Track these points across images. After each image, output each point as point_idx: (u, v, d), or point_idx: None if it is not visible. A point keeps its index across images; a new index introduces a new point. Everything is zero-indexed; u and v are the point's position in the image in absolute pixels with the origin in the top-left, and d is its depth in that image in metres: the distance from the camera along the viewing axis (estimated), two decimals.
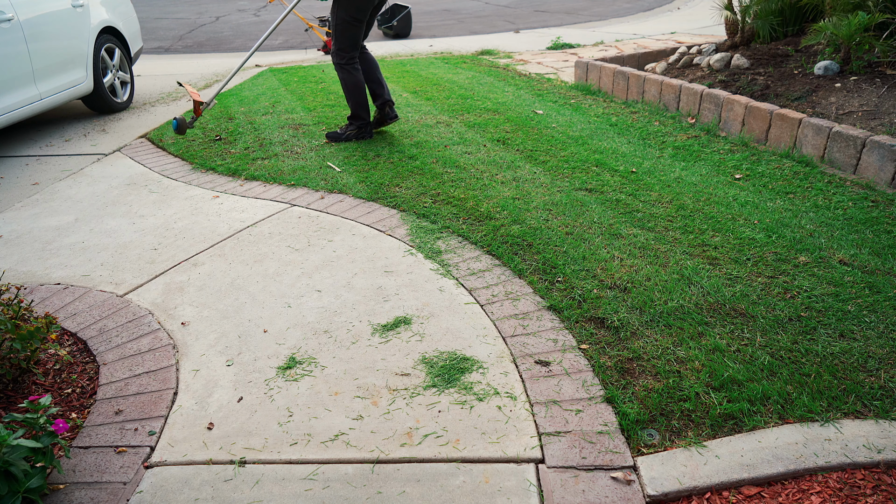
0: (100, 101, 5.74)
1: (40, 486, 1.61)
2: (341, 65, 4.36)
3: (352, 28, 4.20)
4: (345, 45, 4.28)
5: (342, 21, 4.17)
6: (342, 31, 4.23)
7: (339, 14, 4.16)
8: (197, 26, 13.20)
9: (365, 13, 4.18)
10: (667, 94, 5.11)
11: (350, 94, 4.45)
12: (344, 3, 4.13)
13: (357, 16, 4.16)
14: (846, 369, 2.07)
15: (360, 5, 4.14)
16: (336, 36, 4.27)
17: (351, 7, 4.13)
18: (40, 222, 3.53)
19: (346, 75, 4.39)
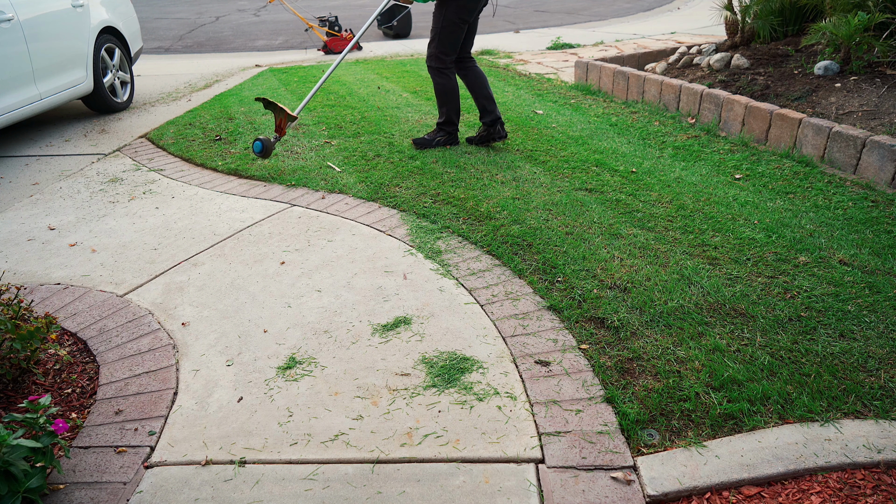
0: (100, 101, 5.74)
1: (40, 486, 1.61)
2: (439, 69, 4.14)
3: (457, 31, 3.98)
4: (446, 48, 4.05)
5: (449, 23, 3.94)
6: (446, 34, 3.99)
7: (446, 16, 3.93)
8: (197, 26, 13.20)
9: (472, 14, 3.96)
10: (667, 94, 5.11)
11: (445, 100, 4.23)
12: (451, 5, 3.90)
13: (465, 17, 3.95)
14: (846, 369, 2.07)
15: (470, 6, 3.91)
16: (439, 39, 4.02)
17: (460, 8, 3.90)
18: (40, 222, 3.53)
19: (443, 80, 4.18)
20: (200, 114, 5.69)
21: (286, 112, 3.63)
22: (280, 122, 3.70)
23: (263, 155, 3.77)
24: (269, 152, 3.75)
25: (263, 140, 3.74)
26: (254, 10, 15.65)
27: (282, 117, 3.67)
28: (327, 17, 9.56)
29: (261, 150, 3.75)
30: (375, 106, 5.71)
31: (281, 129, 3.74)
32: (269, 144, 3.73)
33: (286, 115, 3.64)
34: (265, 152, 3.75)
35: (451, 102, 4.24)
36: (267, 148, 3.74)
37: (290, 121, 3.66)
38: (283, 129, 3.73)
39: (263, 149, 3.75)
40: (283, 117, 3.65)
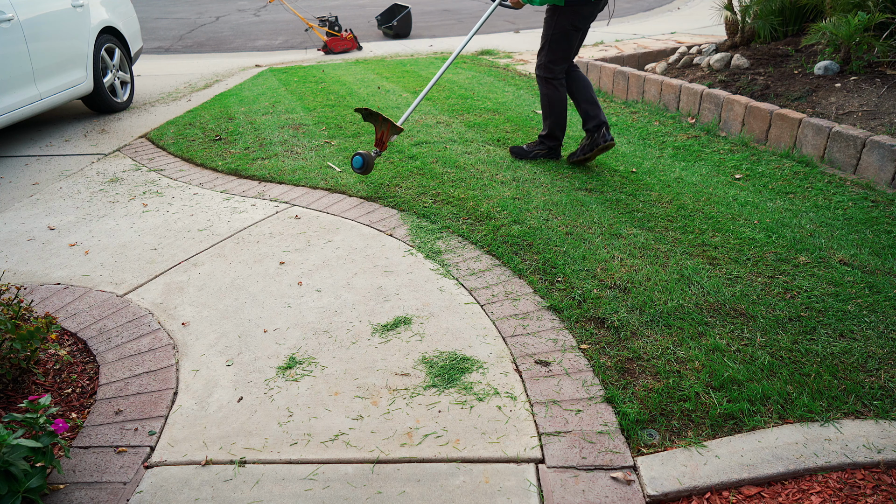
0: (100, 101, 5.74)
1: (40, 486, 1.61)
2: (548, 79, 3.85)
3: (569, 38, 3.70)
4: (557, 56, 3.76)
5: (561, 30, 3.66)
6: (558, 42, 3.71)
7: (558, 22, 3.64)
8: (197, 26, 13.20)
9: (587, 22, 3.66)
10: (667, 94, 5.11)
11: (551, 112, 3.94)
12: (565, 11, 3.61)
13: (578, 24, 3.65)
14: (846, 369, 2.07)
15: (585, 12, 3.62)
16: (550, 47, 3.74)
17: (574, 15, 3.62)
18: (40, 222, 3.53)
19: (550, 91, 3.88)
20: (200, 114, 5.69)
21: (390, 123, 3.32)
22: (381, 135, 3.39)
23: (364, 171, 3.44)
24: (369, 168, 3.43)
25: (364, 155, 3.41)
26: (254, 10, 15.65)
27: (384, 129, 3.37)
28: (327, 17, 9.56)
29: (361, 166, 3.42)
30: (375, 106, 5.71)
31: (382, 142, 3.41)
32: (369, 160, 3.41)
33: (389, 126, 3.34)
34: (366, 168, 3.43)
35: (556, 115, 3.94)
36: (368, 163, 3.42)
37: (393, 133, 3.36)
38: (385, 143, 3.40)
39: (364, 164, 3.42)
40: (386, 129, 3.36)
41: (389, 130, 3.36)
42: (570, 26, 3.65)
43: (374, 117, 3.38)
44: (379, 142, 3.41)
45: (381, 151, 3.46)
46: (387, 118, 3.33)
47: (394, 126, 3.32)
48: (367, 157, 3.41)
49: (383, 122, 3.36)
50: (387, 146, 3.43)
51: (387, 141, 3.40)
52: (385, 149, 3.45)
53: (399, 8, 10.81)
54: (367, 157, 3.41)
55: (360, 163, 3.43)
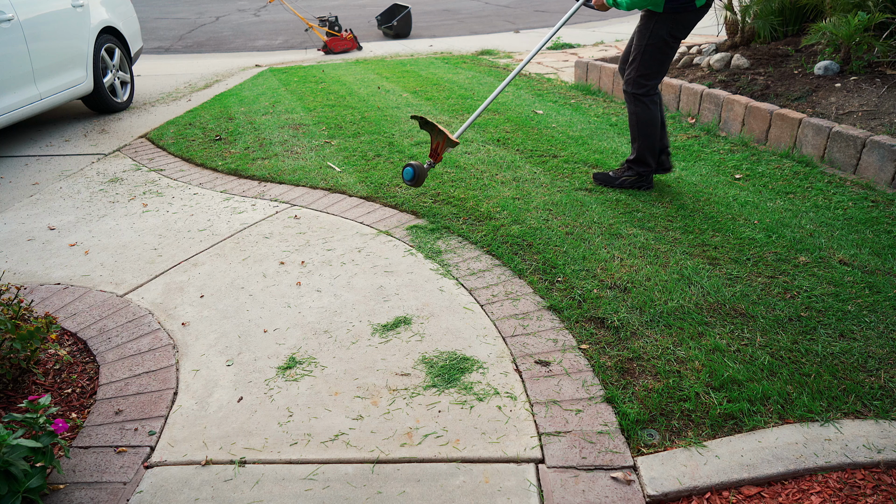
0: (100, 101, 5.74)
1: (40, 485, 1.61)
2: (638, 95, 3.36)
3: (666, 50, 3.26)
4: (651, 70, 3.31)
5: (658, 41, 3.21)
6: (652, 54, 3.26)
7: (654, 31, 3.19)
8: (197, 26, 13.20)
9: (688, 31, 3.22)
10: (667, 94, 5.11)
11: (640, 133, 3.45)
12: (664, 19, 3.16)
13: (678, 34, 3.21)
14: (846, 369, 2.07)
15: (686, 21, 3.17)
16: (642, 59, 3.29)
17: (675, 24, 3.17)
18: (40, 222, 3.53)
19: (641, 109, 3.39)
20: (200, 114, 5.69)
21: (445, 135, 3.10)
22: (437, 147, 3.17)
23: (415, 183, 3.24)
24: (421, 181, 3.25)
25: (415, 166, 3.20)
26: (254, 10, 15.65)
27: (439, 140, 3.15)
28: (327, 17, 9.56)
29: (412, 178, 3.21)
30: (375, 106, 5.71)
31: (437, 154, 3.19)
32: (421, 172, 3.21)
33: (445, 138, 3.11)
34: (417, 180, 3.23)
35: (647, 137, 3.44)
36: (419, 176, 3.22)
37: (448, 146, 3.14)
38: (440, 155, 3.18)
39: (415, 176, 3.21)
40: (442, 141, 3.13)
41: (445, 142, 3.14)
42: (669, 36, 3.20)
43: (430, 127, 3.17)
44: (433, 153, 3.20)
45: (435, 163, 3.26)
46: (443, 130, 3.11)
47: (449, 139, 3.11)
48: (419, 168, 3.20)
49: (439, 134, 3.13)
50: (441, 158, 3.20)
51: (441, 153, 3.18)
52: (439, 160, 3.24)
53: (399, 8, 10.81)
54: (419, 169, 3.20)
55: (411, 175, 3.20)
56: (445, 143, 3.15)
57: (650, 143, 3.46)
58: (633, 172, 3.55)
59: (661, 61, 3.30)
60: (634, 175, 3.56)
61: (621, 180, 3.58)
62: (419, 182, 3.26)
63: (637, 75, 3.34)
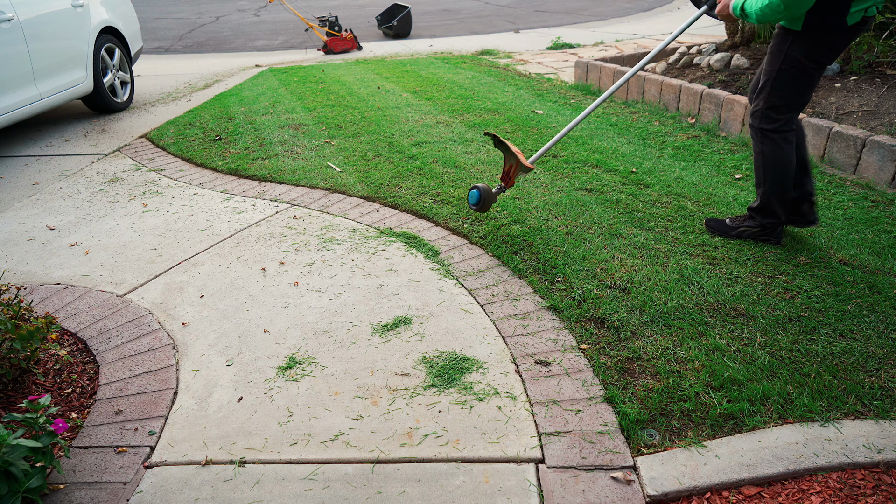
0: (100, 100, 5.74)
1: (40, 485, 1.61)
2: (766, 132, 2.71)
3: (803, 77, 2.59)
4: (784, 101, 2.64)
5: (793, 65, 2.56)
6: (785, 81, 2.61)
7: (791, 55, 2.55)
8: (197, 26, 13.20)
9: (836, 55, 2.56)
10: (667, 94, 5.11)
11: (767, 176, 2.79)
12: (802, 39, 2.51)
13: (823, 58, 2.55)
14: (846, 369, 2.07)
15: (833, 43, 2.51)
16: (773, 87, 2.64)
17: (817, 46, 2.51)
18: (40, 222, 3.53)
19: (769, 148, 2.72)
20: (200, 114, 5.69)
21: (519, 159, 2.80)
22: (509, 169, 2.88)
23: (480, 208, 2.91)
24: (487, 206, 2.92)
25: (482, 189, 2.88)
26: (254, 10, 15.65)
27: (512, 163, 2.85)
28: (327, 17, 9.56)
29: (477, 202, 2.90)
30: (375, 106, 5.72)
31: (509, 177, 2.91)
32: (488, 196, 2.89)
33: (518, 162, 2.81)
34: (483, 205, 2.90)
35: (776, 183, 2.78)
36: (486, 200, 2.89)
37: (522, 171, 2.83)
38: (512, 179, 2.90)
39: (480, 200, 2.89)
40: (515, 164, 2.84)
41: (518, 166, 2.82)
42: (808, 60, 2.54)
43: (503, 147, 2.89)
44: (505, 176, 2.90)
45: (506, 188, 2.93)
46: (516, 152, 2.80)
47: (522, 164, 2.80)
48: (486, 192, 2.88)
49: (512, 156, 2.82)
50: (513, 182, 2.89)
51: (514, 177, 2.88)
52: (511, 185, 2.92)
53: (399, 8, 10.81)
54: (486, 193, 2.88)
55: (476, 198, 2.87)
56: (519, 168, 2.83)
57: (779, 191, 2.78)
58: (757, 223, 2.89)
59: (798, 91, 2.63)
60: (757, 226, 2.89)
61: (740, 230, 2.93)
62: (485, 207, 2.93)
63: (766, 107, 2.69)
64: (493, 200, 2.93)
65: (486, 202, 2.91)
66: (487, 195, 2.91)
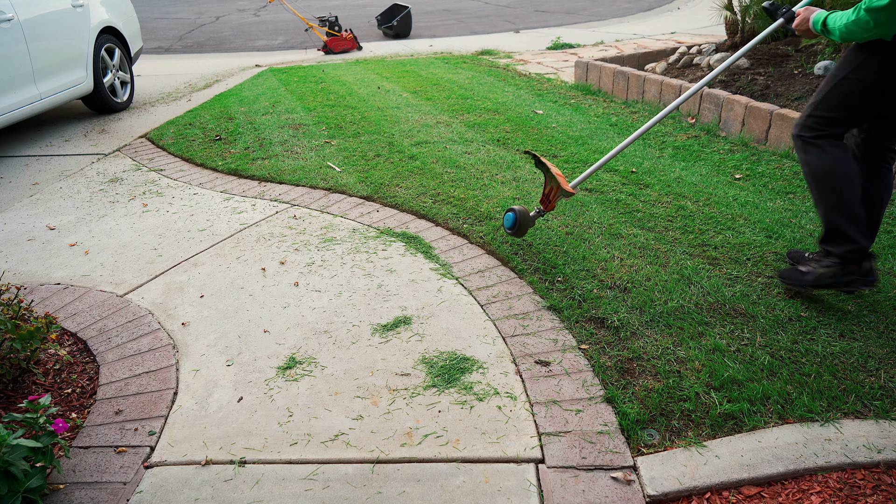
0: (100, 101, 5.74)
1: (40, 485, 1.61)
2: (808, 140, 2.35)
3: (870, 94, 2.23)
4: (835, 114, 2.29)
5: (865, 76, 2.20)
6: (846, 93, 2.25)
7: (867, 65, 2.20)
8: (197, 26, 13.20)
9: None
10: (667, 94, 5.11)
11: (821, 189, 2.36)
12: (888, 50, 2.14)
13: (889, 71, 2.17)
14: (846, 369, 2.07)
15: None
16: (827, 95, 2.30)
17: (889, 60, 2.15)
18: (40, 222, 3.53)
19: (815, 156, 2.34)
20: (200, 114, 5.69)
21: (560, 183, 2.61)
22: (549, 192, 2.71)
23: (516, 232, 2.73)
24: (523, 230, 2.73)
25: (518, 212, 2.69)
26: (254, 10, 15.65)
27: (553, 186, 2.68)
28: (327, 17, 9.56)
29: (512, 226, 2.72)
30: (375, 106, 5.71)
31: (548, 200, 2.73)
32: (525, 220, 2.70)
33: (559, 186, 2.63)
34: (518, 230, 2.72)
35: (832, 194, 2.34)
36: (522, 224, 2.70)
37: (562, 195, 2.64)
38: (552, 203, 2.72)
39: (516, 224, 2.70)
40: (556, 187, 2.65)
41: (559, 190, 2.64)
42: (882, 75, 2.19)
43: (544, 168, 2.71)
44: (545, 199, 2.73)
45: (545, 212, 2.75)
46: (556, 175, 2.60)
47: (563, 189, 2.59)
48: (523, 215, 2.68)
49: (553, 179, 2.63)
50: (553, 206, 2.71)
51: (554, 201, 2.70)
52: (551, 209, 2.72)
53: (399, 8, 10.81)
54: (523, 216, 2.68)
55: (512, 221, 2.69)
56: (559, 193, 2.65)
57: (843, 204, 2.32)
58: (833, 259, 2.37)
59: (856, 107, 2.27)
60: (836, 263, 2.36)
61: (818, 276, 2.39)
62: (521, 232, 2.74)
63: (810, 114, 2.35)
64: (531, 224, 2.74)
65: (522, 226, 2.71)
66: (524, 219, 2.70)
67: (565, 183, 2.62)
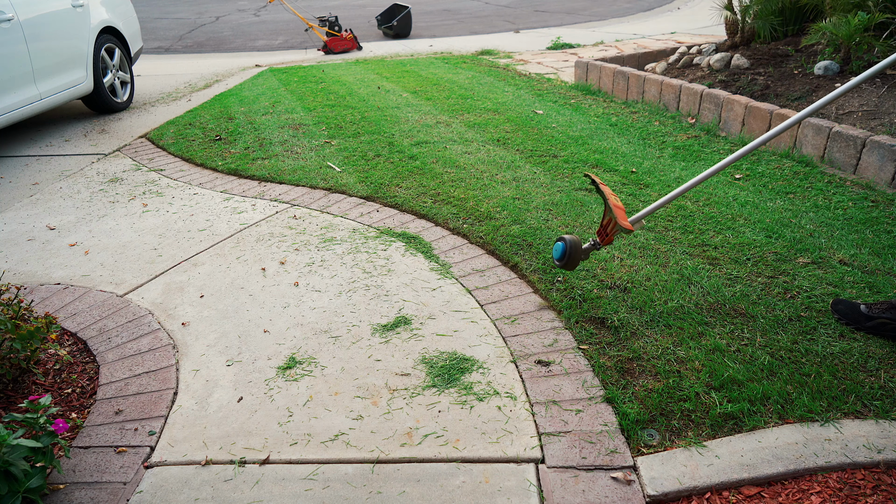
0: (100, 101, 5.74)
1: (40, 486, 1.61)
2: None
3: None
4: None
5: None
6: None
7: None
8: (197, 26, 13.20)
9: None
10: (667, 94, 5.11)
11: None
12: None
13: None
14: (846, 369, 2.07)
15: None
16: None
17: None
18: (40, 222, 3.53)
19: None
20: (200, 114, 5.69)
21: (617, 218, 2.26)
22: (607, 224, 2.35)
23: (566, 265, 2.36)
24: (575, 263, 2.37)
25: (570, 242, 2.33)
26: (254, 10, 15.65)
27: (611, 218, 2.32)
28: (327, 17, 9.56)
29: (562, 257, 2.35)
30: (375, 106, 5.71)
31: (605, 233, 2.37)
32: (576, 251, 2.34)
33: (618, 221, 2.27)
34: (568, 262, 2.35)
35: None
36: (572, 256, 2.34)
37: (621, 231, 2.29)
38: (610, 237, 2.36)
39: (565, 255, 2.34)
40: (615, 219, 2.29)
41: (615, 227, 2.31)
42: None
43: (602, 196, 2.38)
44: (602, 231, 2.38)
45: (601, 245, 2.38)
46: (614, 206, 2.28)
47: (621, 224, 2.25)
48: (574, 247, 2.32)
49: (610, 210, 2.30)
50: (611, 240, 2.36)
51: (612, 235, 2.34)
52: (608, 242, 2.36)
53: (399, 8, 10.81)
54: (573, 248, 2.32)
55: (561, 252, 2.34)
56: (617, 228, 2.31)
57: None
58: None
59: None
60: None
61: (877, 322, 2.28)
62: (571, 264, 2.37)
63: None
64: (584, 257, 2.39)
65: (572, 258, 2.35)
66: (575, 250, 2.34)
67: (623, 217, 2.26)
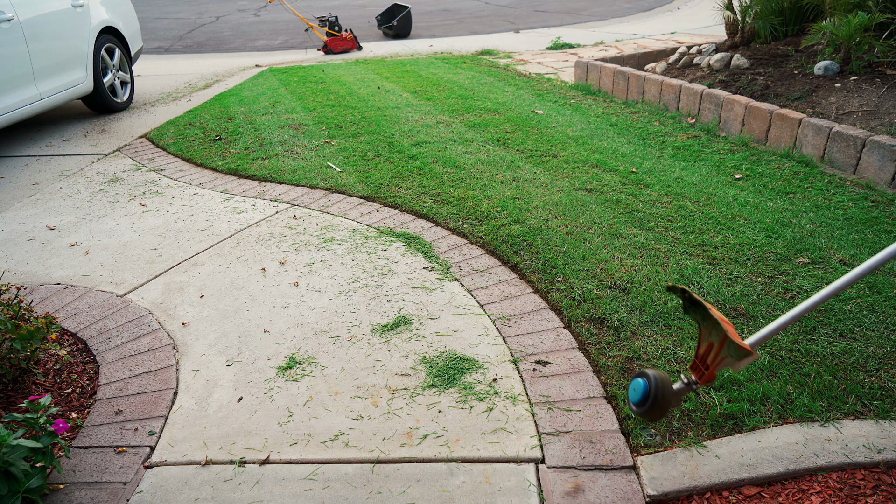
0: (100, 100, 5.74)
1: (40, 485, 1.61)
2: None
3: None
4: None
5: None
6: None
7: None
8: (197, 26, 13.20)
9: None
10: (667, 94, 5.11)
11: None
12: None
13: None
14: (846, 369, 2.07)
15: None
16: None
17: None
18: (40, 222, 3.53)
19: None
20: (200, 114, 5.69)
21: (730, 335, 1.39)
22: (707, 352, 1.48)
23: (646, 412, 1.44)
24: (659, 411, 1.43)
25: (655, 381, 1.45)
26: (254, 10, 15.65)
27: (712, 341, 1.46)
28: (327, 17, 9.56)
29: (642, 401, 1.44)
30: (375, 106, 5.71)
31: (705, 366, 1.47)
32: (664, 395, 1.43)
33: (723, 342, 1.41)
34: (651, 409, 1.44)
35: None
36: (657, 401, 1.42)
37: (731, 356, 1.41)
38: (713, 370, 1.46)
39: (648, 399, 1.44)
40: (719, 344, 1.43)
41: (723, 347, 1.43)
42: None
43: (699, 314, 1.49)
44: (699, 363, 1.49)
45: (700, 385, 1.48)
46: (720, 318, 1.43)
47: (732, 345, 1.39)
48: (661, 387, 1.45)
49: (715, 329, 1.44)
50: (714, 376, 1.48)
51: (715, 368, 1.47)
52: (709, 380, 1.47)
53: (399, 8, 10.81)
54: (661, 388, 1.44)
55: (642, 394, 1.45)
56: (725, 350, 1.43)
57: None
58: None
59: None
60: None
61: None
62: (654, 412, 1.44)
63: None
64: (676, 404, 1.49)
65: (657, 404, 1.45)
66: (663, 392, 1.44)
67: (735, 334, 1.42)
